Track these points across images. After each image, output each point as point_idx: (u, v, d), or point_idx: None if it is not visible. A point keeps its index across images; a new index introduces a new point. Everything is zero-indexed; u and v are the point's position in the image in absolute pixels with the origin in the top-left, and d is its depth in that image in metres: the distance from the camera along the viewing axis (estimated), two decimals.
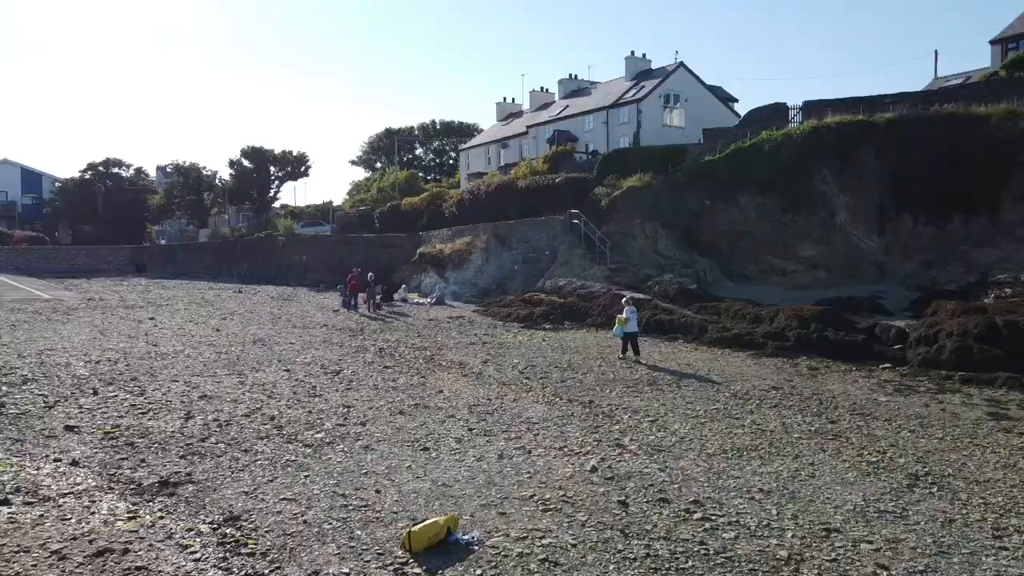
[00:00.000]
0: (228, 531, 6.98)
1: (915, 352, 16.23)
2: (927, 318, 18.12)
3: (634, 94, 46.06)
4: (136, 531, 6.91)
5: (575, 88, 55.54)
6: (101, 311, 27.14)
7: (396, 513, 7.48)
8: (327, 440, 10.25)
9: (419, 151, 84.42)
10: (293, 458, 9.42)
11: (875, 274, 25.62)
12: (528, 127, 53.32)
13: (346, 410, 11.96)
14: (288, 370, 15.45)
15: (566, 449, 9.90)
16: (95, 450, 9.58)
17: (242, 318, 25.07)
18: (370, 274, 28.31)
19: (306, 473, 8.82)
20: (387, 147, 77.49)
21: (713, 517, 7.47)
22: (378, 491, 8.15)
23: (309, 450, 9.78)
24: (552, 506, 7.70)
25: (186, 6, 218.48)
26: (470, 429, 10.86)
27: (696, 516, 7.49)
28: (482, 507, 7.68)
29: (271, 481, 8.53)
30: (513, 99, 63.87)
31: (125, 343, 18.98)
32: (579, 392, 13.54)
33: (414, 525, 6.84)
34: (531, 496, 8.02)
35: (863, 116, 26.80)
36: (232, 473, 8.81)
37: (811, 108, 29.73)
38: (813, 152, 26.77)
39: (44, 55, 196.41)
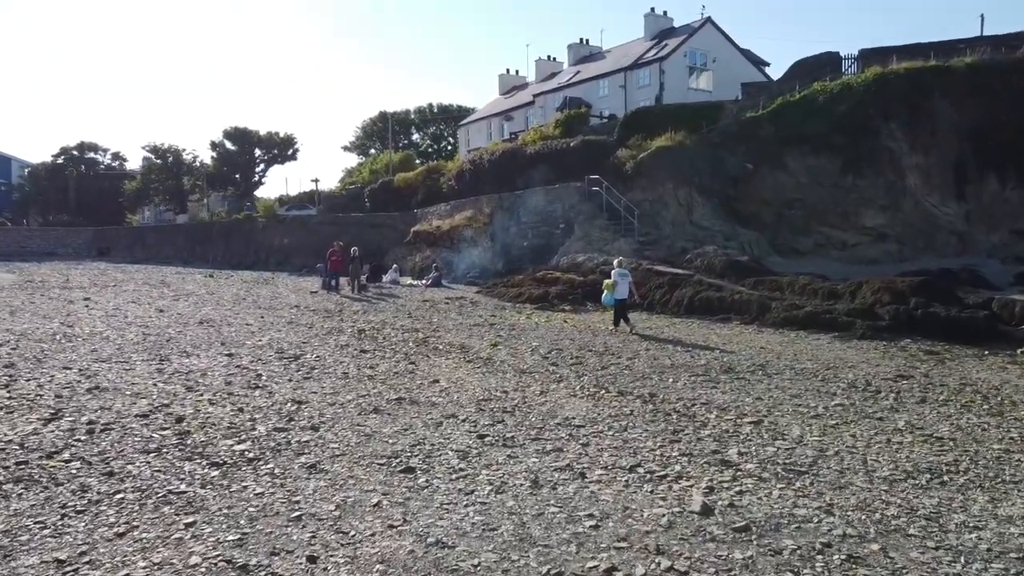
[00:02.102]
0: None
1: None
2: None
3: (655, 53, 41.25)
4: None
5: (587, 54, 50.87)
6: (30, 291, 22.92)
7: None
8: (251, 455, 6.47)
9: (415, 136, 79.76)
10: (183, 488, 5.66)
11: (956, 246, 21.63)
12: (535, 96, 48.18)
13: (295, 407, 8.16)
14: (231, 355, 11.54)
15: (642, 471, 5.99)
16: None
17: (198, 299, 20.94)
18: (354, 249, 24.07)
19: (191, 519, 5.05)
20: (381, 132, 72.86)
21: None
22: (312, 559, 4.42)
23: (215, 473, 6.02)
24: None
25: None
26: (480, 436, 7.06)
27: None
28: None
29: (120, 536, 4.76)
30: (517, 71, 59.71)
31: (31, 324, 14.91)
32: (630, 382, 9.68)
33: None
34: (607, 572, 4.23)
35: (936, 62, 22.70)
36: (60, 520, 5.04)
37: (869, 56, 25.63)
38: (877, 104, 22.65)
39: (16, 34, 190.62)
